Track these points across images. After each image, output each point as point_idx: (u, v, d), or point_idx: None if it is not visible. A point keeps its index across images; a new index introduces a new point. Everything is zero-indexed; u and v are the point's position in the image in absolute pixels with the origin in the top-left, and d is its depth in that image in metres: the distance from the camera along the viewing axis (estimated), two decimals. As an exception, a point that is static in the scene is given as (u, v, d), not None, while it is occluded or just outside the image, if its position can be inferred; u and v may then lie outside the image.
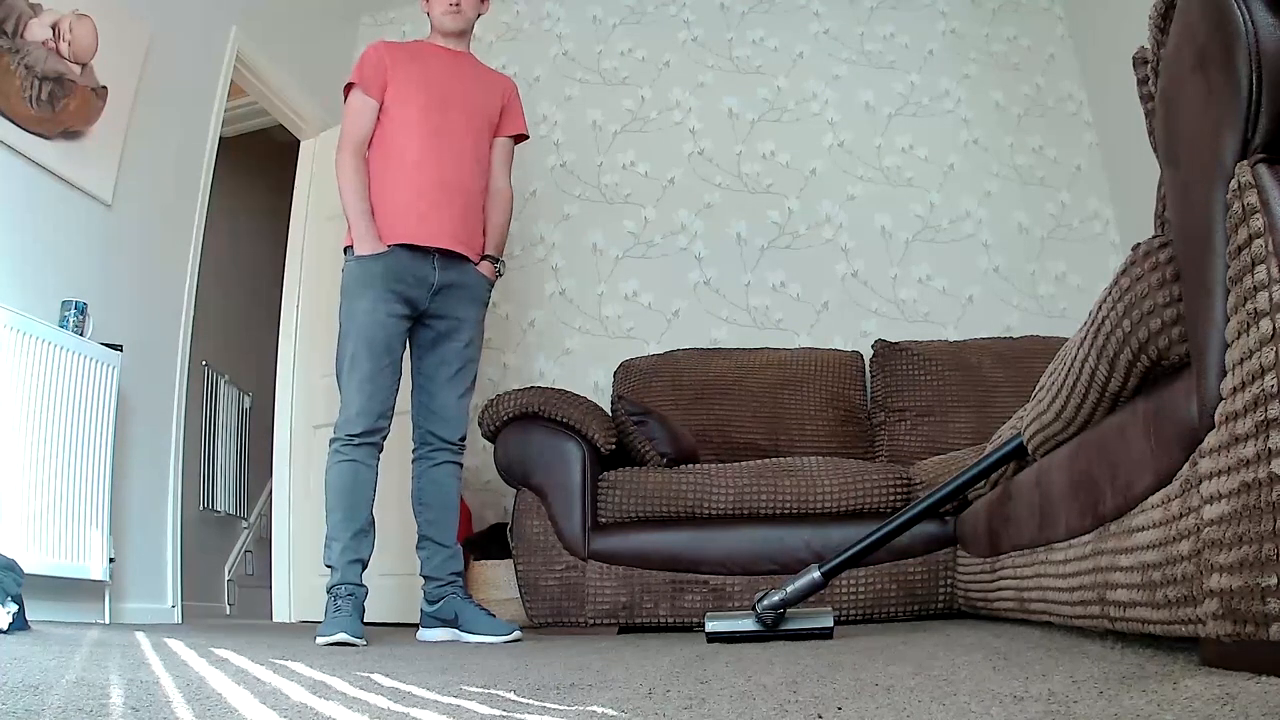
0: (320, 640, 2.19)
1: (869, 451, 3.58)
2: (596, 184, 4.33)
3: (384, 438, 2.53)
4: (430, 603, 2.59)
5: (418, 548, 2.64)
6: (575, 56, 4.48)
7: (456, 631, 2.53)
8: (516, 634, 2.45)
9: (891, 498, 2.84)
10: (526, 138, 2.86)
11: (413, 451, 2.66)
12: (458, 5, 2.66)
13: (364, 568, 2.47)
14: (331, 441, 2.50)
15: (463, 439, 2.65)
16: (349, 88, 2.63)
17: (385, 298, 2.48)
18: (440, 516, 2.60)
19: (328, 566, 2.45)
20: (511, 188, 2.81)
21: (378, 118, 2.60)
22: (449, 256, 2.58)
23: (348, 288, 2.53)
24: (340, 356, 2.52)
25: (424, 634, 2.59)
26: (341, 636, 2.18)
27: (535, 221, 4.30)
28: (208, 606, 4.22)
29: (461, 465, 2.66)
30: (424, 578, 2.61)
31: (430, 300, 2.57)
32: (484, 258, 2.68)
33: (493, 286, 2.72)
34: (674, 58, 4.46)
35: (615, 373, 3.79)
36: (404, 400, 2.64)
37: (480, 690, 1.14)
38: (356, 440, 2.46)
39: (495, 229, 2.72)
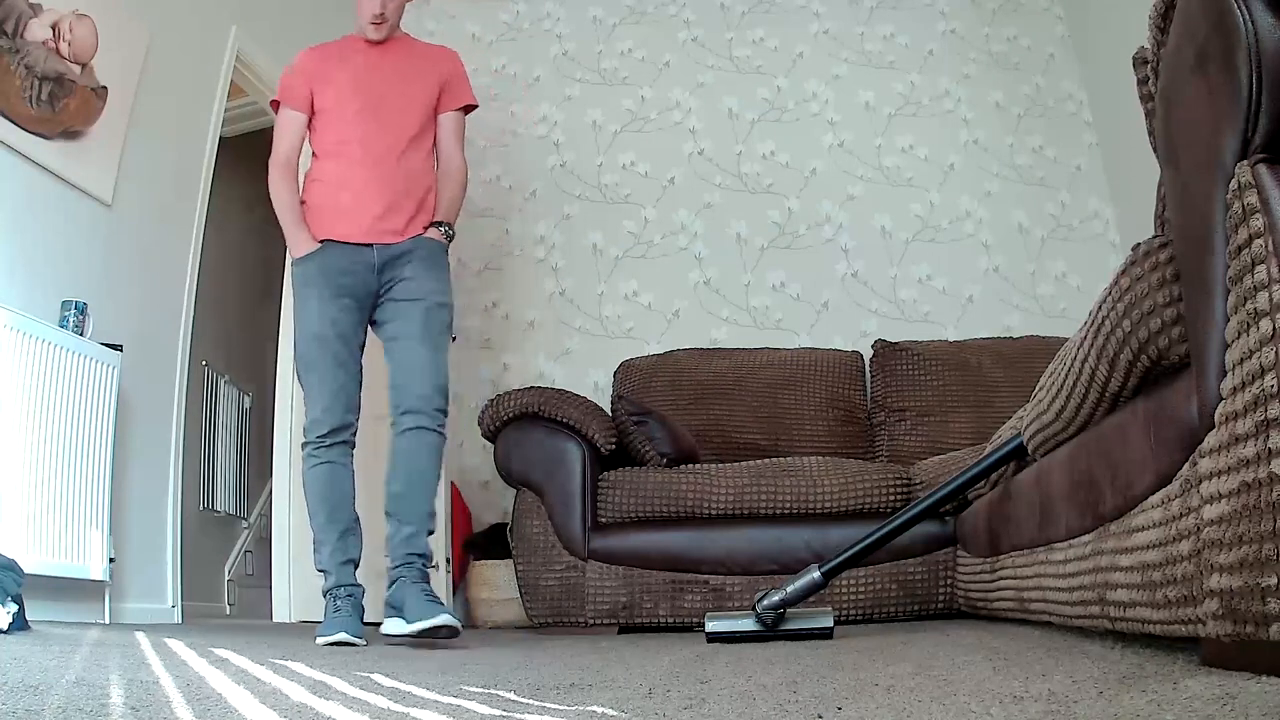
0: (320, 640, 2.19)
1: (869, 452, 3.58)
2: (596, 184, 4.33)
3: (353, 434, 2.48)
4: (388, 587, 2.41)
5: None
6: (575, 56, 4.48)
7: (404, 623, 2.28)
8: (439, 620, 2.15)
9: (891, 498, 2.84)
10: (475, 107, 2.76)
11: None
12: (381, 18, 2.61)
13: (356, 566, 2.44)
14: (303, 446, 2.48)
15: (437, 405, 2.45)
16: (275, 105, 2.67)
17: (328, 294, 2.46)
18: (405, 489, 2.40)
19: (320, 571, 2.43)
20: (465, 160, 2.73)
21: (310, 124, 2.62)
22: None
23: (294, 293, 2.54)
24: (297, 361, 2.51)
25: (384, 626, 2.39)
26: (342, 636, 2.18)
27: (535, 221, 4.30)
28: (208, 606, 4.21)
29: (436, 432, 2.44)
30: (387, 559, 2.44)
31: (378, 277, 2.51)
32: (432, 224, 2.58)
33: (446, 250, 2.62)
34: (674, 58, 4.46)
35: (615, 373, 3.79)
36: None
37: (480, 690, 1.14)
38: (326, 441, 2.43)
39: (444, 201, 2.64)
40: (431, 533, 2.43)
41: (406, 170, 2.57)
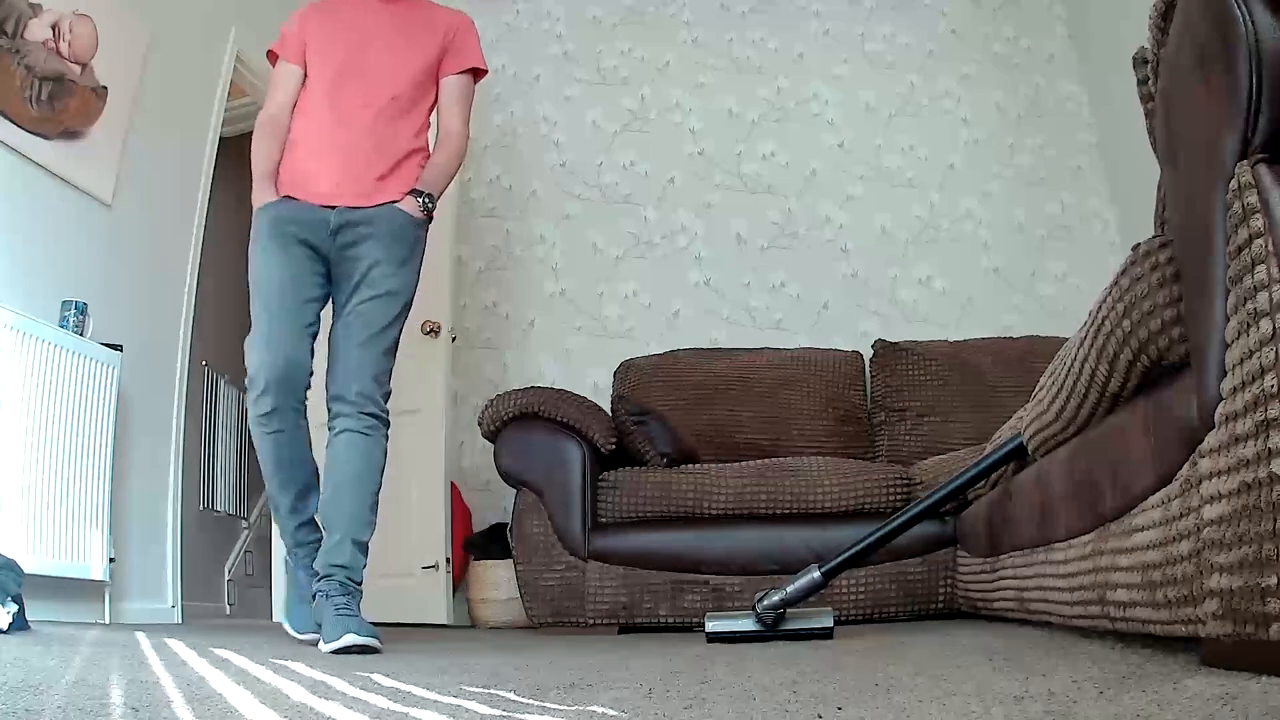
0: (286, 627, 2.13)
1: (869, 451, 3.58)
2: (596, 184, 4.33)
3: (303, 389, 2.19)
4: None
5: None
6: (575, 56, 4.48)
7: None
8: (346, 641, 1.89)
9: (891, 498, 2.84)
10: (484, 73, 2.54)
11: None
12: None
13: (316, 527, 2.22)
14: (250, 413, 2.21)
15: (365, 408, 2.17)
16: (272, 56, 2.49)
17: (280, 241, 2.22)
18: (331, 494, 2.14)
19: (289, 552, 2.26)
20: (466, 129, 2.47)
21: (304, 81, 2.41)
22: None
23: (249, 249, 2.28)
24: (254, 327, 2.22)
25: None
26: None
27: (535, 221, 4.30)
28: (208, 606, 4.21)
29: (364, 435, 2.16)
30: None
31: (332, 242, 2.25)
32: (409, 193, 2.31)
33: (423, 225, 2.33)
34: (674, 58, 4.46)
35: (615, 373, 3.79)
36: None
37: (480, 690, 1.14)
38: (265, 406, 2.14)
39: (433, 166, 2.37)
40: (362, 544, 2.13)
41: (379, 132, 2.31)
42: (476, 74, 2.52)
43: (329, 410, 2.20)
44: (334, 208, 2.24)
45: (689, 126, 4.37)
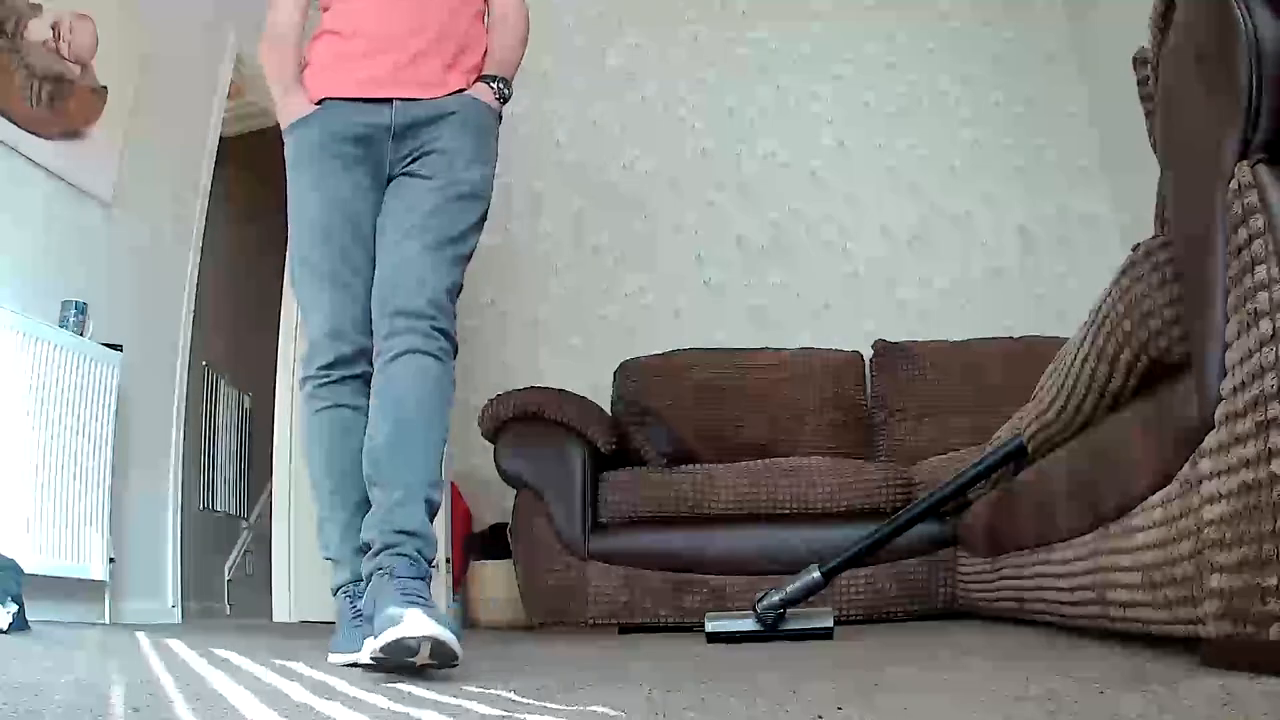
0: (336, 658, 1.57)
1: (869, 452, 3.58)
2: (599, 182, 4.33)
3: (371, 363, 1.72)
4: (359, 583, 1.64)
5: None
6: (578, 55, 4.48)
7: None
8: (421, 631, 1.24)
9: (891, 498, 2.84)
10: None
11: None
12: None
13: None
14: (303, 384, 1.78)
15: (436, 323, 1.67)
16: None
17: (333, 164, 1.77)
18: (391, 438, 1.59)
19: (328, 560, 1.74)
20: (525, 7, 2.05)
21: None
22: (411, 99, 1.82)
23: (289, 175, 1.84)
24: (292, 267, 1.82)
25: (334, 652, 1.61)
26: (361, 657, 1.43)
27: (536, 220, 4.30)
28: (208, 606, 4.22)
29: (434, 357, 1.66)
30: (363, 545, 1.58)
31: (395, 151, 1.79)
32: (480, 78, 1.91)
33: (498, 114, 1.93)
34: (676, 56, 4.45)
35: (615, 373, 3.79)
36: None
37: (480, 690, 1.14)
38: (332, 375, 1.73)
39: (499, 49, 1.97)
40: (435, 507, 1.59)
41: (437, 12, 1.87)
42: None
43: (381, 332, 1.68)
44: (392, 103, 1.78)
45: (691, 125, 4.36)
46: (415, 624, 1.22)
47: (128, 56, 3.00)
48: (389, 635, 1.23)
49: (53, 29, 2.69)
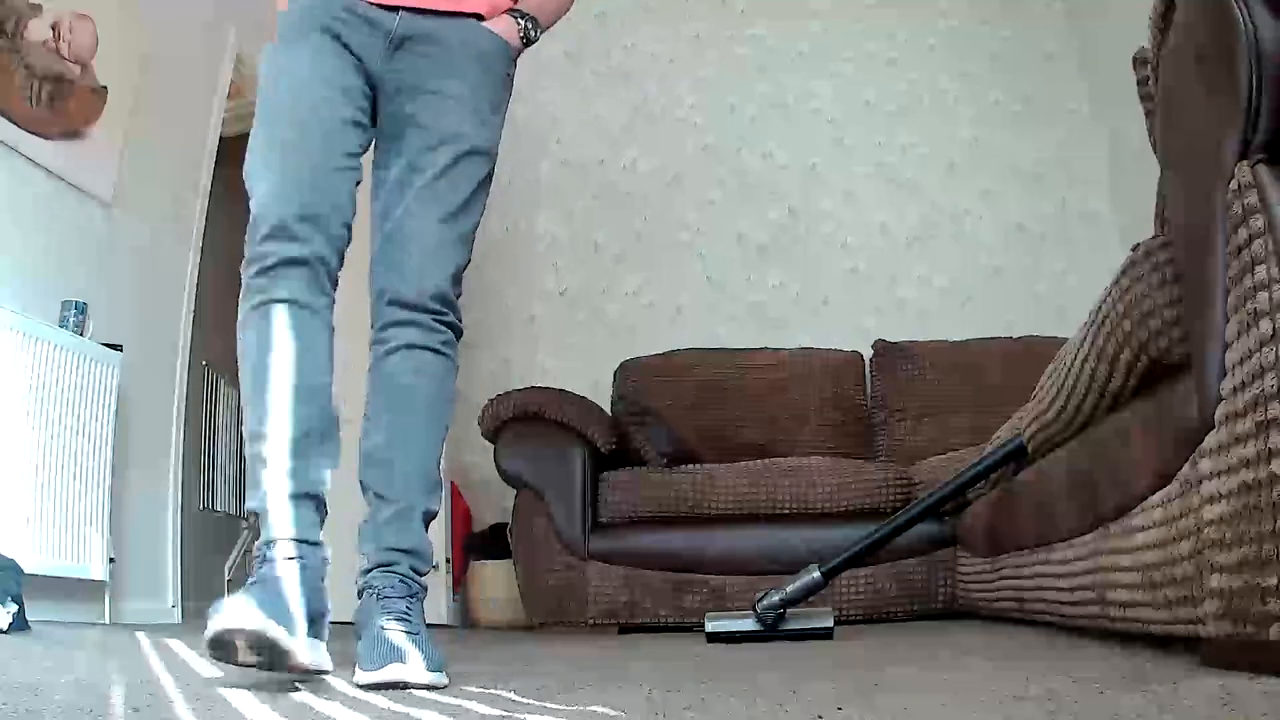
0: (210, 632, 1.12)
1: (869, 452, 3.58)
2: (599, 180, 4.33)
3: (334, 252, 1.43)
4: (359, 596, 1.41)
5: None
6: (579, 52, 4.48)
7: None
8: (391, 675, 1.17)
9: (891, 498, 2.84)
10: None
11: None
12: None
13: (321, 506, 1.35)
14: (243, 277, 1.41)
15: (449, 306, 1.51)
16: None
17: (317, 44, 1.49)
18: (391, 438, 1.46)
19: (250, 511, 1.33)
20: None
21: None
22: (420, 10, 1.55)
23: (263, 69, 1.52)
24: (251, 153, 1.46)
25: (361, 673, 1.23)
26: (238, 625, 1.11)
27: (537, 218, 4.30)
28: (208, 606, 4.22)
29: (443, 354, 1.52)
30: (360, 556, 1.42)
31: (389, 61, 1.52)
32: (509, 11, 1.65)
33: (514, 63, 1.69)
34: (676, 54, 4.45)
35: (615, 372, 3.78)
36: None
37: (480, 690, 1.14)
38: (279, 252, 1.36)
39: None
40: (431, 517, 1.46)
41: None
42: None
43: (379, 319, 1.51)
44: (398, 11, 1.52)
45: (691, 123, 4.36)
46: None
47: (128, 56, 3.00)
48: (374, 678, 1.18)
49: (53, 29, 2.69)
